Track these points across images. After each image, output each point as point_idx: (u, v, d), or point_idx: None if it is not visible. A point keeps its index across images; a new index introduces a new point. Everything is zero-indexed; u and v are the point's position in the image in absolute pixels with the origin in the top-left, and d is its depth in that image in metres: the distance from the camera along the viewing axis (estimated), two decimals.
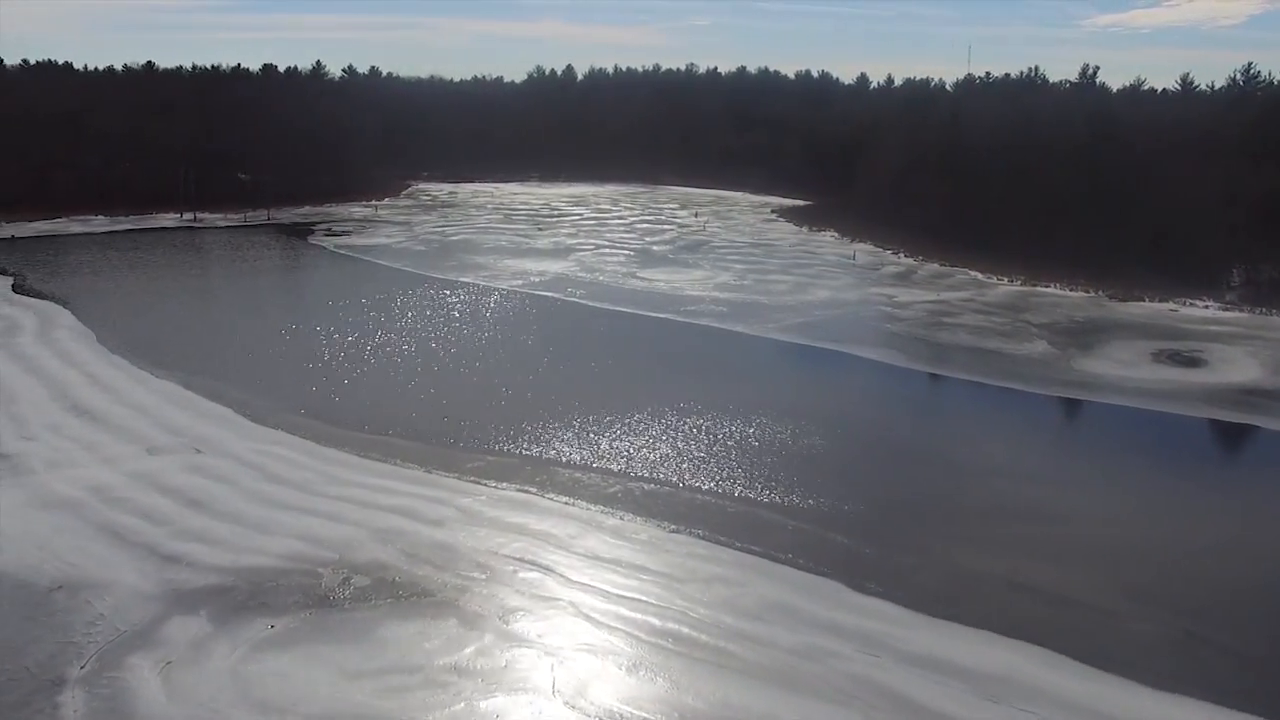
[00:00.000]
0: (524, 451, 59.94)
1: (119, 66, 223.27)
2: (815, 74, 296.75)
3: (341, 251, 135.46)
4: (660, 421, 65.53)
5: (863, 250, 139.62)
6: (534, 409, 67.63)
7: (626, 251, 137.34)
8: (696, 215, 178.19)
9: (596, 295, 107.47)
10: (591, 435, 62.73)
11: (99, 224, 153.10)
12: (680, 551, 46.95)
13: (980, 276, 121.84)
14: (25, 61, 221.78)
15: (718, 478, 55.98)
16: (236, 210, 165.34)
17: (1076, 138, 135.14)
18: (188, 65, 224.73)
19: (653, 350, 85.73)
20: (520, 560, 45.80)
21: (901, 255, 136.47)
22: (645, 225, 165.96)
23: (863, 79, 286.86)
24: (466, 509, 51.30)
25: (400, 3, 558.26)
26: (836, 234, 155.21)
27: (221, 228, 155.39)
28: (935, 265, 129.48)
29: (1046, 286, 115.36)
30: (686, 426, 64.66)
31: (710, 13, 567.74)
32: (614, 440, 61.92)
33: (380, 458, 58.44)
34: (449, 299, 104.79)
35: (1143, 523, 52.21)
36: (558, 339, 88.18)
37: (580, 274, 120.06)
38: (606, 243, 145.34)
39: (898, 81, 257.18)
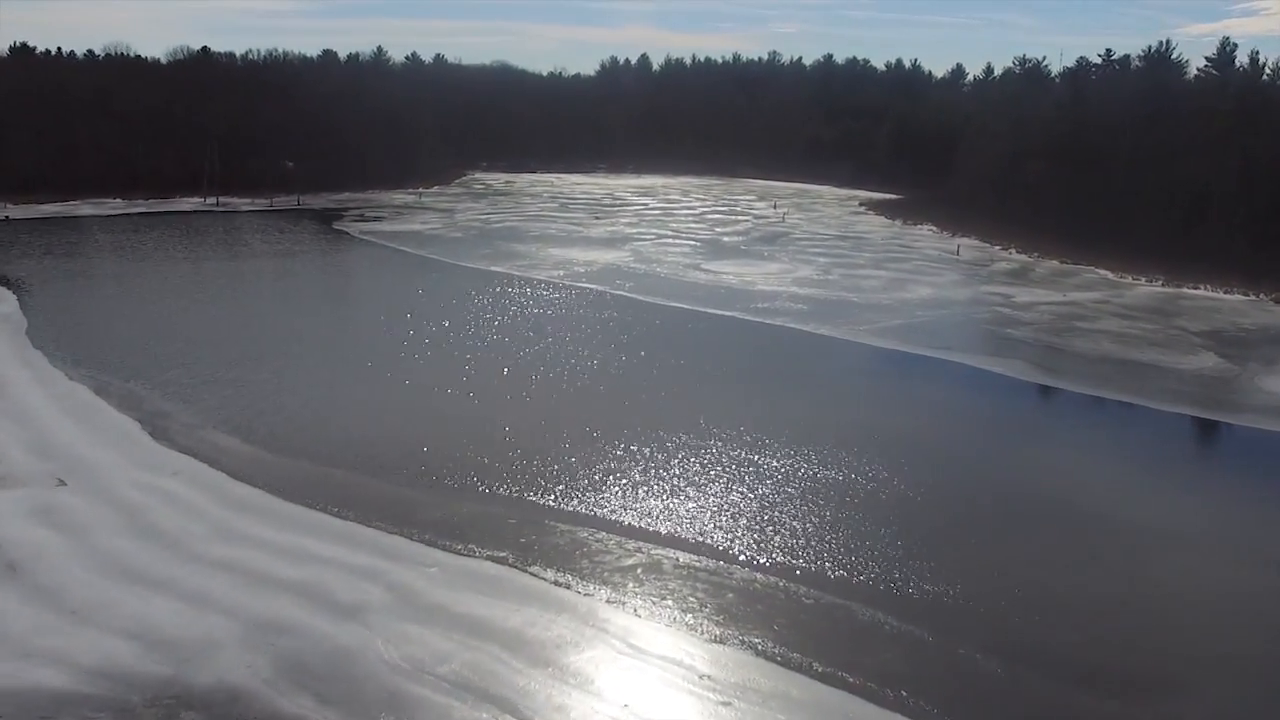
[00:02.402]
0: (513, 495, 42.14)
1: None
2: (907, 64, 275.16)
3: (365, 237, 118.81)
4: (709, 455, 47.36)
5: (967, 245, 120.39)
6: (537, 435, 49.72)
7: (692, 242, 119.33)
8: (775, 207, 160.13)
9: (650, 289, 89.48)
10: (610, 475, 44.67)
11: (113, 207, 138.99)
12: (725, 680, 28.86)
13: (1110, 275, 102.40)
14: (91, 52, 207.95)
15: (789, 546, 37.66)
16: (268, 195, 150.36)
17: (1221, 120, 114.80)
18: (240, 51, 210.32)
19: (710, 356, 67.39)
20: (461, 688, 28.12)
21: (1013, 251, 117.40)
22: (717, 216, 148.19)
23: (958, 70, 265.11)
24: (404, 588, 33.70)
25: (482, 8, 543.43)
26: (935, 228, 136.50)
27: (243, 212, 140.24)
28: (1054, 262, 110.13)
29: (1194, 288, 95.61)
30: (747, 463, 46.43)
31: (796, 20, 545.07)
32: (642, 483, 43.82)
33: (308, 501, 40.94)
34: (468, 291, 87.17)
35: None
36: (590, 341, 70.14)
37: (634, 265, 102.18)
38: (670, 232, 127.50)
39: (998, 71, 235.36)
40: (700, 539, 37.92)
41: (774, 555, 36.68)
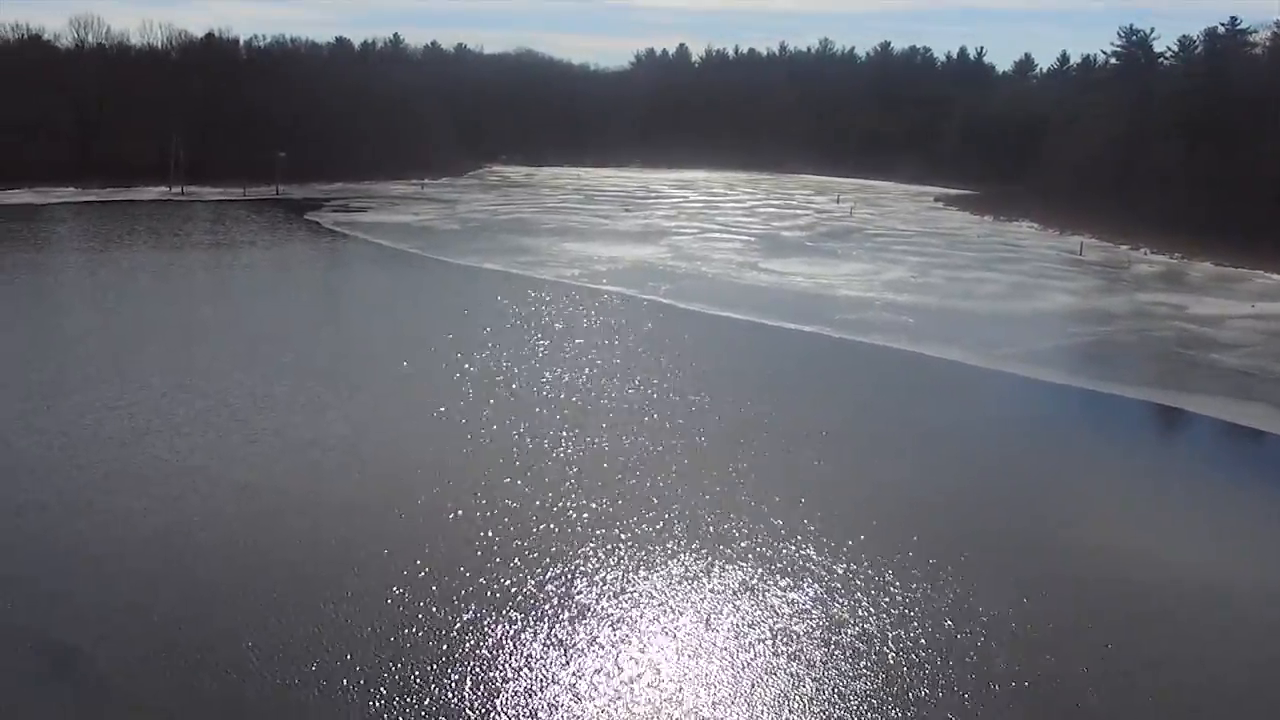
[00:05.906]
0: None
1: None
2: (971, 54, 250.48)
3: (337, 229, 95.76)
4: (788, 619, 24.15)
5: (1087, 244, 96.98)
6: (450, 568, 26.42)
7: (744, 237, 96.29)
8: (839, 200, 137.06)
9: (695, 293, 66.30)
10: (596, 647, 21.60)
11: (61, 195, 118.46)
12: None
13: None
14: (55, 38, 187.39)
15: None
16: (243, 185, 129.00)
17: None
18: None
19: (793, 397, 43.89)
20: None
21: (1146, 251, 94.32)
22: (770, 210, 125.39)
23: (1026, 61, 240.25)
24: None
25: (507, 19, 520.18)
26: (1035, 224, 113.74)
27: (207, 201, 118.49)
28: (1207, 264, 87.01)
29: None
30: (864, 638, 23.17)
31: (846, 28, 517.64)
32: (644, 669, 20.75)
33: None
34: (439, 296, 65.16)
35: None
36: (606, 371, 46.51)
37: (674, 263, 79.04)
38: (717, 226, 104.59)
39: (1074, 59, 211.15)
40: None
41: None
